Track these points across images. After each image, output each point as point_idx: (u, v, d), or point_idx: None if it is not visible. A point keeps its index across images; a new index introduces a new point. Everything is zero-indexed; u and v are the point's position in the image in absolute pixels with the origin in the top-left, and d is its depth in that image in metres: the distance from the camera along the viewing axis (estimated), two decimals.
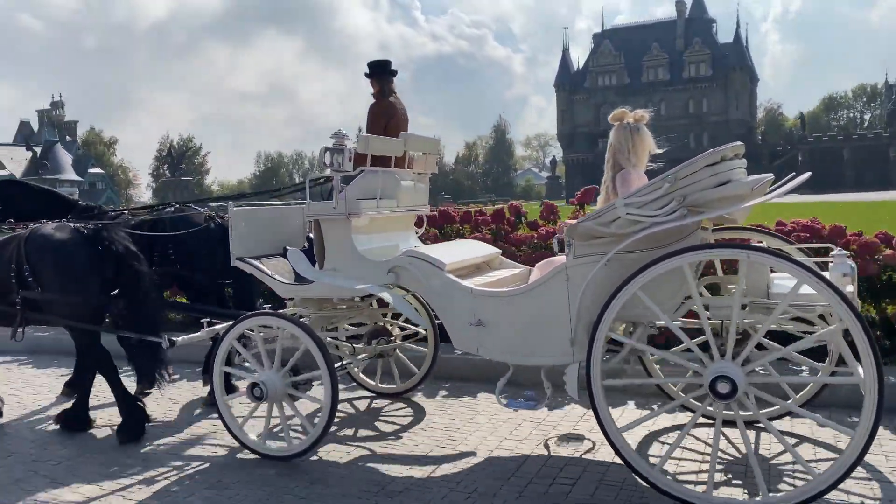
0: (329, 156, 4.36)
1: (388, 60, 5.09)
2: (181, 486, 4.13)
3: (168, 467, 4.44)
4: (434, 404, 5.52)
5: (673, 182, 3.62)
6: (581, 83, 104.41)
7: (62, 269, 4.98)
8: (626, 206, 3.68)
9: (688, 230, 3.75)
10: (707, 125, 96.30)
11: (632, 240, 3.67)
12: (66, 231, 5.09)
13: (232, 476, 4.25)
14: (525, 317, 4.06)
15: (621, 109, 4.30)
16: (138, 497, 4.01)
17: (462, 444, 4.62)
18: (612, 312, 3.67)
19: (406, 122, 5.06)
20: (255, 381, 4.44)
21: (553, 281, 3.97)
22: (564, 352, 3.96)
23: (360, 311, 5.30)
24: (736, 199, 3.65)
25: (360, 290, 4.51)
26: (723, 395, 3.51)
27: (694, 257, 3.61)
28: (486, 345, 4.20)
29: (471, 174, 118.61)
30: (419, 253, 4.46)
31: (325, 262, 4.66)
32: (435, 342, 5.50)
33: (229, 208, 4.98)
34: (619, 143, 4.16)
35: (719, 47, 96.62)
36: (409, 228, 5.27)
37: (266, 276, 4.83)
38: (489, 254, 5.08)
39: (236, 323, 4.57)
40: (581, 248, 3.90)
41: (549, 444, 4.57)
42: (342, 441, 4.80)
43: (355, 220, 4.55)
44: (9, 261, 5.08)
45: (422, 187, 5.18)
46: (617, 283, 3.67)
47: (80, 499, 4.02)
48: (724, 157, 3.71)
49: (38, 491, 4.14)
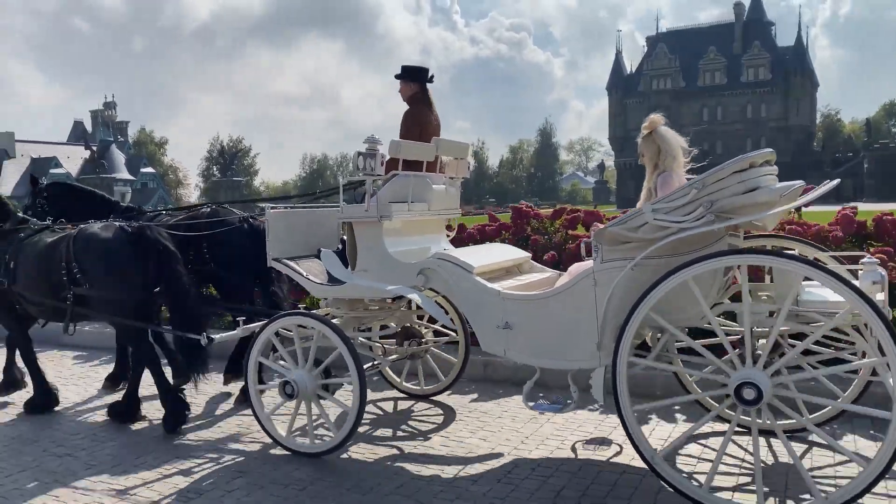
0: (362, 160, 4.52)
1: (426, 67, 5.23)
2: (217, 477, 4.32)
3: (205, 459, 4.65)
4: (463, 406, 5.63)
5: (701, 188, 3.67)
6: (634, 87, 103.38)
7: (107, 265, 5.25)
8: (654, 212, 3.75)
9: (715, 236, 3.79)
10: (766, 131, 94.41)
11: (659, 245, 3.74)
12: (111, 230, 5.37)
13: (263, 472, 4.43)
14: (553, 320, 4.14)
15: (655, 115, 4.39)
16: (180, 485, 4.21)
17: (489, 446, 4.71)
18: (638, 317, 3.73)
19: (438, 127, 5.19)
20: (287, 378, 4.62)
21: (580, 285, 4.05)
22: (591, 356, 4.03)
23: (391, 313, 5.45)
24: (764, 206, 3.67)
25: (390, 291, 4.65)
26: (747, 402, 3.54)
27: (718, 263, 3.64)
28: (513, 347, 4.29)
29: (515, 178, 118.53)
30: (448, 255, 4.58)
31: (357, 264, 4.81)
32: (465, 344, 5.62)
33: (266, 211, 5.18)
34: (659, 147, 4.25)
35: (779, 51, 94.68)
36: (440, 231, 5.39)
37: (300, 277, 5.00)
38: (518, 257, 5.17)
39: (270, 322, 4.76)
40: (608, 252, 3.97)
41: (575, 447, 4.64)
42: (372, 440, 4.94)
43: (386, 223, 4.69)
44: (59, 259, 5.37)
45: (453, 191, 5.30)
46: (644, 288, 3.73)
47: (120, 487, 4.24)
48: (753, 163, 3.73)
49: (79, 478, 4.38)
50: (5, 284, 5.67)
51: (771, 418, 3.75)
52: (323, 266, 5.08)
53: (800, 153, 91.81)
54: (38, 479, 4.39)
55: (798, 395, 3.70)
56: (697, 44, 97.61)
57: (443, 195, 5.14)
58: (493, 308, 4.30)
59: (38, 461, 4.72)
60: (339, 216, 4.88)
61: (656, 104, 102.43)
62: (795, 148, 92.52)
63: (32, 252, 5.60)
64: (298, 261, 5.17)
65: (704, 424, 3.93)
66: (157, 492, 4.16)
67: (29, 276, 5.57)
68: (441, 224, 5.42)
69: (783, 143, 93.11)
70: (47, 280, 5.44)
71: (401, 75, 5.20)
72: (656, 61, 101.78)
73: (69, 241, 5.38)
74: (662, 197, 3.84)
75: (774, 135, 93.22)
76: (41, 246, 5.58)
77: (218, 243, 5.79)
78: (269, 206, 5.32)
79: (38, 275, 5.51)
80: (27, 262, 5.59)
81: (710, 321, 3.70)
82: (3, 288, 5.70)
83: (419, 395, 5.87)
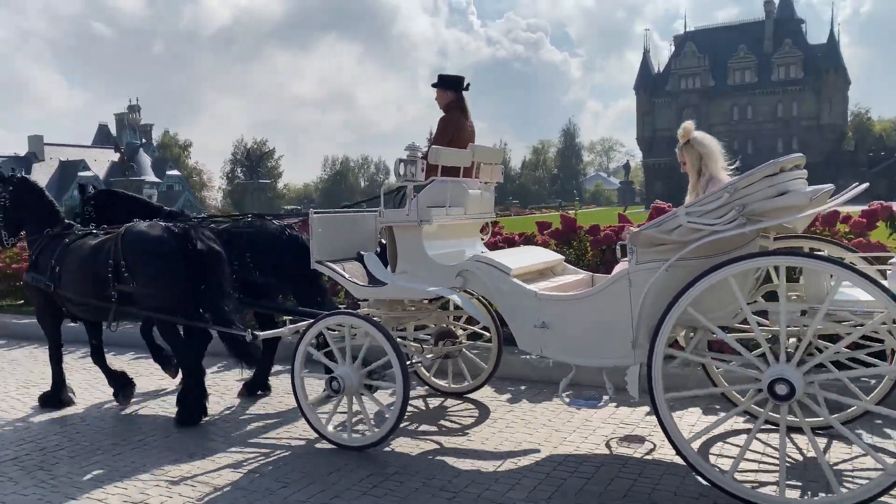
0: (403, 166, 4.76)
1: (462, 77, 5.46)
2: (267, 469, 4.58)
3: (247, 455, 4.91)
4: (498, 404, 5.84)
5: (733, 192, 3.85)
6: (662, 86, 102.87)
7: (153, 262, 5.53)
8: (688, 215, 3.94)
9: (747, 238, 3.96)
10: (797, 130, 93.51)
11: (692, 247, 3.92)
12: (157, 229, 5.66)
13: (306, 463, 4.67)
14: (588, 319, 4.34)
15: (688, 123, 4.57)
16: (227, 480, 4.47)
17: (525, 442, 4.92)
18: (673, 316, 3.91)
19: (473, 133, 5.42)
20: (334, 374, 4.87)
21: (616, 285, 4.25)
22: (626, 354, 4.22)
23: (428, 313, 5.68)
24: (795, 209, 3.84)
25: (430, 292, 4.88)
26: (780, 397, 3.71)
27: (751, 264, 3.82)
28: (549, 346, 4.50)
29: (538, 179, 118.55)
30: (486, 258, 4.80)
31: (398, 266, 5.05)
32: (499, 344, 5.83)
33: (310, 214, 5.44)
34: (700, 153, 4.43)
35: (811, 49, 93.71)
36: (476, 235, 5.62)
37: (342, 278, 5.25)
38: (553, 260, 5.38)
39: (316, 321, 5.01)
40: (643, 254, 4.15)
41: (610, 444, 4.83)
42: (412, 435, 5.17)
43: (426, 227, 4.92)
44: (106, 256, 5.67)
45: (487, 196, 5.53)
46: (677, 289, 3.91)
47: (184, 474, 4.52)
48: (784, 168, 3.91)
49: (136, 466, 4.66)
50: (51, 287, 5.99)
51: (799, 415, 3.92)
52: (362, 268, 5.34)
53: (833, 153, 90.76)
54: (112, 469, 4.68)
55: (829, 395, 3.86)
56: (726, 42, 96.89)
57: (478, 199, 5.37)
58: (530, 308, 4.51)
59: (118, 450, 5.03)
60: (380, 220, 5.12)
61: (685, 103, 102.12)
62: (828, 147, 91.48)
63: (78, 255, 5.90)
64: (339, 263, 5.42)
65: (730, 419, 4.09)
66: (222, 476, 4.42)
67: (74, 278, 5.87)
68: (476, 227, 5.64)
69: (816, 142, 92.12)
70: (93, 279, 5.74)
71: (437, 84, 5.43)
72: (685, 60, 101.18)
73: (117, 239, 5.67)
74: (696, 200, 4.03)
75: (806, 134, 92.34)
76: (87, 248, 5.88)
77: (259, 251, 6.07)
78: (312, 210, 5.57)
79: (83, 275, 5.81)
80: (73, 264, 5.89)
81: (746, 317, 3.86)
82: (49, 290, 6.02)
83: (453, 393, 6.09)
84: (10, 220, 6.45)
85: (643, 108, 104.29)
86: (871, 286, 3.53)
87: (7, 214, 6.43)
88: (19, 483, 4.51)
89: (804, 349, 3.76)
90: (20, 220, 6.46)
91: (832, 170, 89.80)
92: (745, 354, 3.91)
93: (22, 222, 6.47)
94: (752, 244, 4.00)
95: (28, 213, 6.40)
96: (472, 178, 5.30)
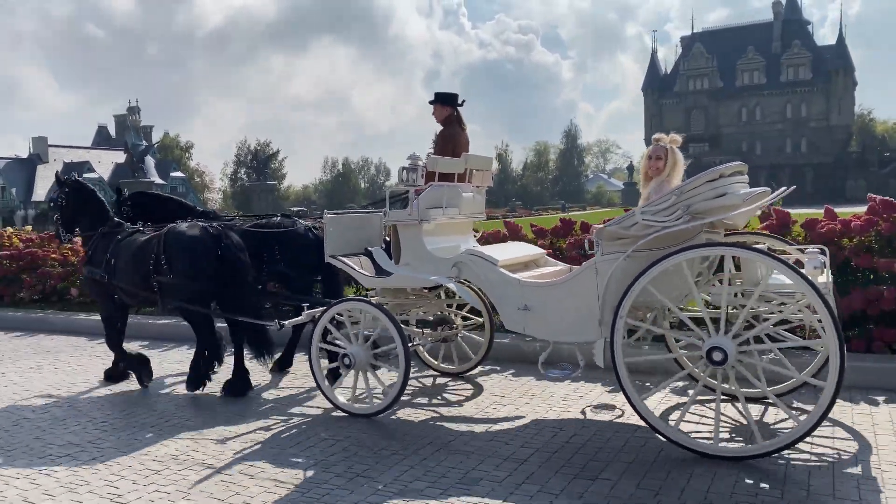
0: (405, 173, 5.67)
1: (456, 94, 6.36)
2: (285, 435, 5.47)
3: (277, 420, 5.81)
4: (488, 381, 6.73)
5: (679, 195, 4.73)
6: (670, 87, 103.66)
7: (188, 258, 6.43)
8: (643, 214, 4.82)
9: (692, 233, 4.83)
10: (806, 130, 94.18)
11: (646, 240, 4.80)
12: (196, 229, 6.58)
13: (325, 429, 5.56)
14: (562, 302, 5.22)
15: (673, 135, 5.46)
16: (260, 438, 5.36)
17: (514, 411, 5.80)
18: (630, 297, 4.78)
19: (468, 144, 6.32)
20: (345, 352, 5.76)
21: (585, 273, 5.13)
22: (594, 330, 5.09)
23: (427, 301, 6.57)
24: (731, 208, 4.71)
25: (430, 280, 5.77)
26: (716, 363, 4.58)
27: (692, 254, 4.66)
28: (531, 325, 5.38)
29: (540, 180, 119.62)
30: (477, 251, 5.69)
31: (401, 259, 5.94)
32: (490, 329, 6.72)
33: (325, 214, 6.34)
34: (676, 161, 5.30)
35: (819, 50, 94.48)
36: (469, 232, 6.53)
37: (353, 270, 6.15)
38: (535, 253, 6.28)
39: (330, 307, 5.91)
40: (607, 247, 5.03)
41: (585, 411, 5.71)
42: (415, 406, 6.05)
43: (426, 225, 5.80)
44: (150, 253, 6.58)
45: (479, 198, 6.44)
46: (634, 275, 4.79)
47: (219, 436, 5.41)
48: (723, 174, 4.78)
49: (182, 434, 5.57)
50: (106, 278, 6.91)
51: (734, 384, 4.77)
52: (369, 262, 6.23)
53: (843, 153, 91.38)
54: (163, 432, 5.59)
55: (758, 363, 4.73)
56: (735, 43, 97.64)
57: (470, 201, 6.26)
58: (514, 294, 5.40)
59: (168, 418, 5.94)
60: (385, 219, 6.02)
61: (693, 104, 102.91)
62: (838, 148, 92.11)
63: (129, 249, 6.81)
64: (349, 257, 6.31)
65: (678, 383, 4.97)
66: (252, 439, 5.33)
67: (125, 270, 6.78)
68: (469, 225, 6.54)
69: (825, 142, 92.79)
70: (140, 271, 6.66)
71: (435, 100, 6.34)
72: (693, 61, 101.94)
73: (161, 237, 6.58)
74: (650, 202, 4.91)
75: (815, 135, 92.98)
76: (136, 244, 6.80)
77: (286, 246, 7.00)
78: (326, 211, 6.49)
79: (132, 268, 6.72)
80: (124, 258, 6.81)
81: (694, 297, 4.74)
82: (104, 281, 6.94)
83: (452, 373, 6.98)
84: (67, 219, 7.42)
85: (651, 110, 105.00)
86: (790, 271, 4.40)
87: (64, 214, 7.40)
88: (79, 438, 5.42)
89: (740, 324, 4.63)
90: (75, 219, 7.41)
91: (841, 170, 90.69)
92: (693, 328, 4.78)
93: (77, 221, 7.42)
94: (697, 238, 4.86)
95: (82, 212, 7.35)
96: (465, 182, 6.20)
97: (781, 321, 5.11)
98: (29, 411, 6.33)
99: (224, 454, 5.06)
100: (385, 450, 5.02)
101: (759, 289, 4.61)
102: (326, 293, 7.20)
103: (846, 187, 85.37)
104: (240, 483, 4.52)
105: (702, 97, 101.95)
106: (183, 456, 5.05)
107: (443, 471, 4.60)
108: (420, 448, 5.03)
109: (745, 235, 5.64)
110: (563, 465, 4.62)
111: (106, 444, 5.35)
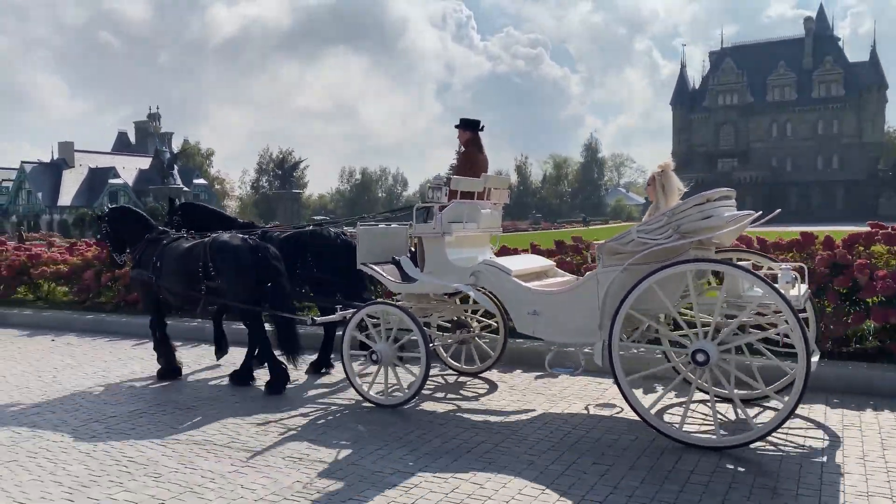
0: (431, 192, 6.50)
1: (478, 120, 7.20)
2: (322, 421, 6.29)
3: (310, 410, 6.63)
4: (502, 380, 7.52)
5: (671, 216, 5.50)
6: (698, 102, 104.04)
7: (235, 265, 7.30)
8: (638, 232, 5.60)
9: (681, 250, 5.59)
10: (837, 147, 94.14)
11: (640, 255, 5.57)
12: (237, 239, 7.45)
13: (354, 418, 6.37)
14: (567, 308, 6.01)
15: (666, 161, 6.25)
16: (297, 423, 6.19)
17: (525, 405, 6.58)
18: (627, 304, 5.55)
19: (487, 164, 7.15)
20: (373, 349, 6.59)
21: (587, 283, 5.92)
22: (594, 333, 5.86)
23: (447, 305, 7.38)
24: (716, 229, 5.48)
25: (451, 287, 6.59)
26: (700, 363, 5.33)
27: (679, 269, 5.41)
28: (539, 328, 6.16)
29: (559, 193, 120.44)
30: (493, 262, 6.51)
31: (425, 267, 6.76)
32: (504, 333, 7.51)
33: (357, 226, 7.18)
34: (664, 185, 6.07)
35: (851, 66, 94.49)
36: (486, 244, 7.34)
37: (382, 277, 6.97)
38: (546, 265, 7.09)
39: (360, 309, 6.73)
40: (607, 260, 5.82)
41: (588, 407, 6.48)
42: (436, 400, 6.85)
43: (448, 238, 6.62)
44: (196, 259, 7.46)
45: (496, 214, 7.26)
46: (630, 285, 5.56)
47: (260, 421, 6.24)
48: (710, 199, 5.54)
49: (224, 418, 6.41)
50: (153, 280, 7.80)
51: (716, 386, 5.52)
52: (395, 269, 7.06)
53: (876, 170, 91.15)
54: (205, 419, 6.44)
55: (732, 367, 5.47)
56: (766, 59, 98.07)
57: (488, 217, 7.08)
58: (525, 300, 6.19)
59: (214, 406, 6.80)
60: (412, 232, 6.84)
61: (723, 119, 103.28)
62: (870, 165, 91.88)
63: (174, 255, 7.70)
64: (378, 265, 7.14)
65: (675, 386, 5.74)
66: (286, 426, 6.15)
67: (171, 273, 7.66)
68: (486, 238, 7.36)
69: (857, 160, 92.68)
70: (186, 275, 7.53)
71: (459, 125, 7.18)
72: (723, 76, 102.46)
73: (205, 246, 7.46)
74: (645, 222, 5.69)
75: (847, 151, 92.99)
76: (180, 250, 7.68)
77: (319, 254, 7.86)
78: (359, 223, 7.34)
79: (178, 272, 7.60)
80: (170, 262, 7.69)
81: (671, 310, 5.51)
82: (151, 282, 7.83)
83: (469, 373, 7.77)
84: (115, 243, 8.45)
85: (679, 124, 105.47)
86: (763, 285, 5.16)
87: (112, 242, 8.44)
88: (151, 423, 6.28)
89: (730, 331, 5.37)
90: (123, 240, 8.42)
91: (874, 187, 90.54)
92: (687, 331, 5.53)
93: (124, 241, 8.40)
94: (686, 254, 5.63)
95: (126, 232, 8.35)
96: (484, 200, 7.01)
97: (757, 326, 5.86)
98: (94, 398, 7.23)
99: (266, 437, 5.90)
100: (409, 434, 5.84)
101: (719, 300, 5.38)
102: (352, 296, 8.01)
103: (878, 205, 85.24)
104: (276, 465, 5.35)
105: (732, 112, 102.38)
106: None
107: (467, 447, 5.44)
108: (443, 435, 5.84)
109: (733, 253, 6.39)
110: (567, 449, 5.40)
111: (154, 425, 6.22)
